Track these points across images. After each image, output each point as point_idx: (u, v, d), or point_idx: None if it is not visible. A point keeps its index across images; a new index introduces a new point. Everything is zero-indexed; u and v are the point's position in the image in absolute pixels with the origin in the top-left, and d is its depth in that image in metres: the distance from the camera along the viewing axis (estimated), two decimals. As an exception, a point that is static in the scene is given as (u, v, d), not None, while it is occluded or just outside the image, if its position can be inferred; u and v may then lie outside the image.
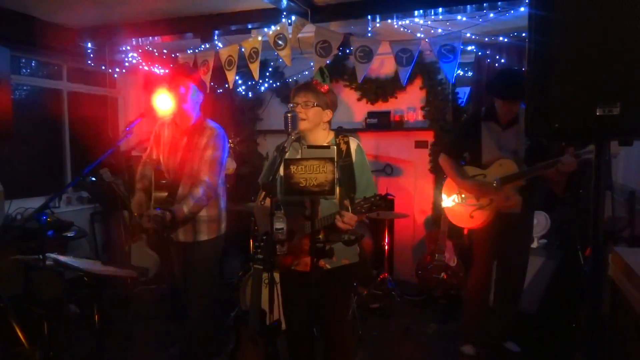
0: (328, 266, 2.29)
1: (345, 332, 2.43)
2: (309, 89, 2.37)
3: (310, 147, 2.03)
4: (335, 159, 1.92)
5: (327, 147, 2.03)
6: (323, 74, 4.96)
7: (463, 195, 3.31)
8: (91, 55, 4.80)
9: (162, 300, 4.60)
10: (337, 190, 2.17)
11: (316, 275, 1.97)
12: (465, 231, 4.20)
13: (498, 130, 3.21)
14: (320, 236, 2.11)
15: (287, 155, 2.14)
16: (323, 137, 2.40)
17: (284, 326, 2.44)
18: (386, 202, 2.09)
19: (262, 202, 2.11)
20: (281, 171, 2.12)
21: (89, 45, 4.71)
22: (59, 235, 3.98)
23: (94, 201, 5.06)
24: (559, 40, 1.45)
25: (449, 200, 3.38)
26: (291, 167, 1.91)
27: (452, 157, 3.40)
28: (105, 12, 4.18)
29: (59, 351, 2.72)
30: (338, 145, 2.32)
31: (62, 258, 2.48)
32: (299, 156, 2.11)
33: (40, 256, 2.43)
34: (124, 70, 5.27)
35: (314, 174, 1.89)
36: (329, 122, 2.46)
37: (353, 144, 2.35)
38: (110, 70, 5.11)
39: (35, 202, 4.65)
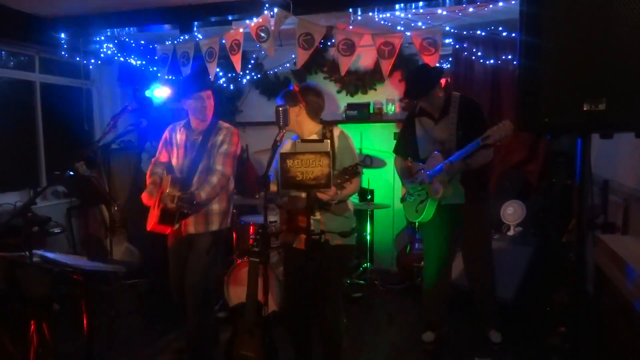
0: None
1: (337, 305, 2.61)
2: (284, 95, 2.60)
3: (304, 141, 2.06)
4: (330, 152, 1.97)
5: (321, 141, 2.08)
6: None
7: (409, 192, 3.45)
8: (65, 46, 4.67)
9: (143, 294, 4.56)
10: None
11: (312, 265, 2.03)
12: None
13: (431, 124, 3.31)
14: (317, 214, 2.39)
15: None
16: (310, 129, 2.57)
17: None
18: (357, 170, 2.22)
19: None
20: None
21: (63, 35, 4.58)
22: (37, 231, 3.89)
23: (70, 195, 4.95)
24: (548, 38, 1.52)
25: (403, 197, 3.54)
26: (287, 161, 1.94)
27: (400, 156, 3.54)
28: (80, 2, 4.08)
29: (46, 349, 2.68)
30: (324, 134, 2.52)
31: (49, 254, 2.45)
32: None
33: (27, 253, 2.39)
34: (99, 62, 5.15)
35: (310, 167, 1.93)
36: (313, 115, 2.59)
37: (336, 131, 2.55)
38: (85, 62, 4.99)
39: (9, 198, 4.53)
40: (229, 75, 5.31)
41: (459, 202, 3.23)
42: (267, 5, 3.78)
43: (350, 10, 3.87)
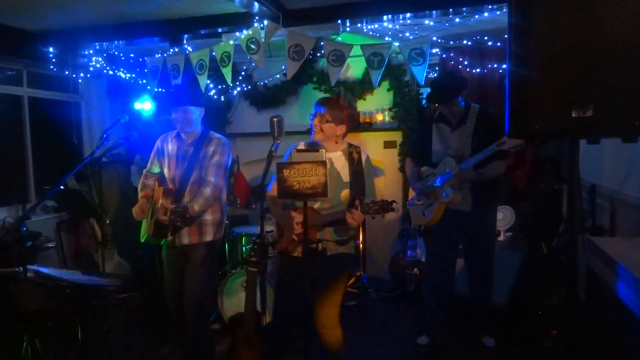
0: (327, 253, 2.54)
1: (334, 313, 2.64)
2: (327, 104, 2.54)
3: (300, 150, 2.09)
4: (327, 163, 2.00)
5: (316, 150, 2.10)
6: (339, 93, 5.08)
7: (417, 196, 3.50)
8: (53, 60, 4.66)
9: (135, 308, 4.52)
10: (348, 191, 2.45)
11: (311, 273, 2.05)
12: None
13: (447, 130, 3.40)
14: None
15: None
16: (336, 146, 2.60)
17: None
18: (391, 207, 2.28)
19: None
20: None
21: (51, 49, 4.57)
22: (28, 246, 3.85)
23: (60, 210, 4.91)
24: (537, 47, 1.57)
25: (411, 201, 3.60)
26: (284, 170, 1.97)
27: (413, 160, 3.60)
28: (69, 16, 4.08)
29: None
30: (351, 153, 2.55)
31: (43, 269, 2.44)
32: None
33: (21, 268, 2.38)
34: (88, 75, 5.14)
35: (307, 176, 1.96)
36: (344, 134, 2.62)
37: (364, 155, 2.59)
38: (74, 76, 4.98)
39: (-2, 213, 4.48)
40: (220, 87, 5.33)
41: (466, 209, 3.28)
42: (256, 17, 3.82)
43: (339, 21, 3.93)
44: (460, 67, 4.62)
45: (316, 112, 2.53)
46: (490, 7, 3.54)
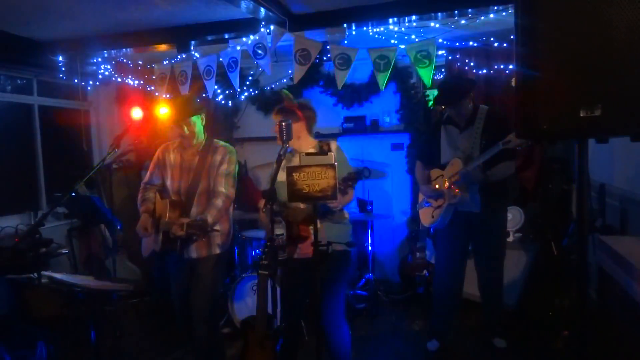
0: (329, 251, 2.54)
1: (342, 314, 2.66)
2: (280, 110, 2.72)
3: (309, 154, 2.10)
4: (335, 164, 2.01)
5: (325, 153, 2.11)
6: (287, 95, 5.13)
7: (426, 198, 3.53)
8: (62, 69, 4.72)
9: (146, 313, 4.55)
10: None
11: (317, 276, 2.06)
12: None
13: (456, 132, 3.40)
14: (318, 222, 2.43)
15: (284, 164, 2.41)
16: (307, 144, 2.72)
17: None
18: (359, 174, 2.33)
19: (264, 209, 2.23)
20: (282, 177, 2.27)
21: (60, 58, 4.63)
22: (40, 253, 3.89)
23: (71, 216, 4.96)
24: (544, 48, 1.57)
25: (420, 203, 3.62)
26: (294, 174, 1.98)
27: (422, 162, 3.62)
28: (77, 25, 4.13)
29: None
30: (321, 147, 2.56)
31: (57, 275, 2.47)
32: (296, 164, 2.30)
33: (35, 274, 2.41)
34: (97, 83, 5.20)
35: (317, 180, 1.97)
36: (309, 131, 2.77)
37: (333, 145, 2.64)
38: (83, 83, 5.03)
39: (10, 221, 4.52)
40: (227, 92, 5.37)
41: (475, 211, 3.28)
42: (263, 23, 3.85)
43: (345, 25, 3.95)
44: (466, 68, 4.63)
45: (275, 120, 2.66)
46: (495, 8, 3.54)
